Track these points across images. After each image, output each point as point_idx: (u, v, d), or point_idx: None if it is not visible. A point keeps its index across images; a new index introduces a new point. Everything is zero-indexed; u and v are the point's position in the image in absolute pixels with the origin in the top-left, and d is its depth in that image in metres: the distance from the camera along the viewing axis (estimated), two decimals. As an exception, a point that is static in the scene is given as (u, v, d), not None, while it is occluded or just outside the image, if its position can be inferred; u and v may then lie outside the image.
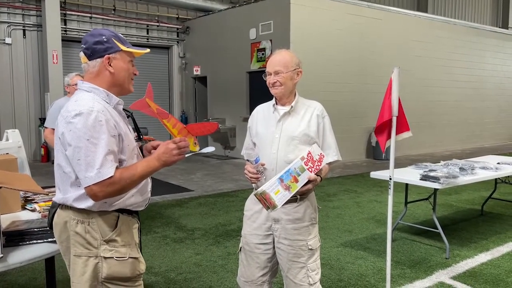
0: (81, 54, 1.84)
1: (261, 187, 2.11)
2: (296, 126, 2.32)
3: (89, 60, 1.81)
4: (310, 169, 2.22)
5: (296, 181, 2.17)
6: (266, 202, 2.10)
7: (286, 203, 2.19)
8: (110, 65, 1.80)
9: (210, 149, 1.95)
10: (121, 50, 1.82)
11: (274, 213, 2.28)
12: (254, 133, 2.43)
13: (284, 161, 2.26)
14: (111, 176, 1.65)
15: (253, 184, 2.40)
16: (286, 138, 2.30)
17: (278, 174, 2.16)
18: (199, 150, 1.89)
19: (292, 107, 2.34)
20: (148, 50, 1.90)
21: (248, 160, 2.28)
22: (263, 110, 2.46)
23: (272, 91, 2.34)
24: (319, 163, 2.27)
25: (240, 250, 2.48)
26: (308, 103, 2.41)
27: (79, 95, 1.78)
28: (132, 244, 1.85)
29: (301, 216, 2.33)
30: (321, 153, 2.30)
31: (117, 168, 1.69)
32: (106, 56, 1.79)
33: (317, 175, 2.26)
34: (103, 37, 1.80)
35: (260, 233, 2.37)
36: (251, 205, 2.43)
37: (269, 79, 2.32)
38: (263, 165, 2.27)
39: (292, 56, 2.33)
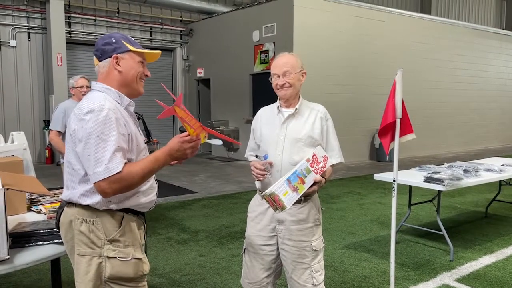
0: (94, 57, 1.91)
1: (269, 188, 2.12)
2: (301, 128, 2.34)
3: (100, 61, 1.87)
4: (315, 171, 2.24)
5: (303, 182, 2.19)
6: (275, 203, 2.12)
7: None
8: (118, 64, 1.85)
9: (217, 141, 1.93)
10: (130, 50, 1.86)
11: (279, 214, 2.30)
12: (258, 135, 2.44)
13: (289, 162, 2.28)
14: (119, 172, 1.67)
15: (257, 183, 2.43)
16: (291, 140, 2.32)
17: (285, 175, 2.17)
18: (207, 139, 1.87)
19: (296, 109, 2.35)
20: (159, 52, 1.93)
21: (257, 156, 2.28)
22: (266, 113, 2.48)
23: (281, 93, 2.34)
24: (323, 165, 2.29)
25: (244, 251, 2.49)
26: (311, 105, 2.43)
27: (92, 94, 1.83)
28: (136, 245, 1.86)
29: (305, 217, 2.35)
30: (325, 155, 2.33)
31: (125, 164, 1.71)
32: (114, 55, 1.84)
33: (322, 177, 2.28)
34: (112, 38, 1.87)
35: (265, 234, 2.38)
36: (255, 206, 2.45)
37: (277, 81, 2.33)
38: (270, 163, 2.29)
39: (297, 58, 2.37)
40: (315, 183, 2.24)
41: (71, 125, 1.77)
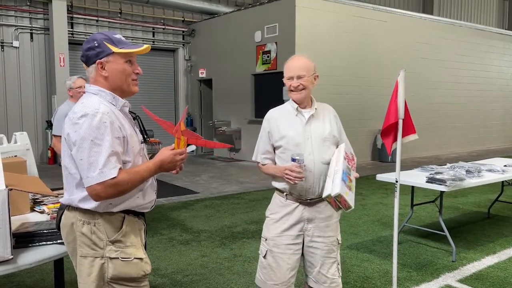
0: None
1: (333, 190, 2.15)
2: (323, 127, 2.42)
3: (87, 66, 1.85)
4: (352, 168, 2.36)
5: (350, 180, 2.28)
6: (339, 204, 2.18)
7: (319, 202, 2.37)
8: (104, 69, 1.81)
9: (191, 147, 1.98)
10: (113, 52, 1.81)
11: (308, 213, 2.39)
12: (277, 137, 2.43)
13: (321, 162, 2.36)
14: (114, 177, 1.67)
15: (278, 184, 2.43)
16: (318, 140, 2.38)
17: (337, 175, 2.20)
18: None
19: (316, 109, 2.43)
20: (145, 46, 1.86)
21: (294, 160, 2.28)
22: (281, 114, 2.48)
23: (295, 95, 2.39)
24: (354, 162, 2.41)
25: (266, 254, 2.47)
26: (322, 105, 2.51)
27: (86, 97, 1.82)
28: (138, 245, 1.87)
29: (331, 213, 2.44)
30: (351, 152, 2.43)
31: (120, 169, 1.71)
32: (98, 61, 1.81)
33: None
34: (95, 42, 1.81)
35: (292, 233, 2.41)
36: (278, 208, 2.46)
37: (292, 83, 2.37)
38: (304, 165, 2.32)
39: (310, 61, 2.43)
40: None
41: (65, 129, 1.77)
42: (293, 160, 2.29)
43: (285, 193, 2.43)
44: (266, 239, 2.48)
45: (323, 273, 2.43)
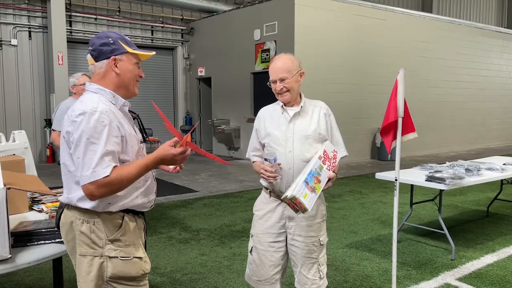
0: (88, 56, 1.88)
1: (289, 191, 2.14)
2: (308, 125, 2.38)
3: (96, 61, 1.85)
4: (328, 168, 2.29)
5: (319, 181, 2.23)
6: (296, 206, 2.15)
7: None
8: (116, 66, 1.83)
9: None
10: (127, 52, 1.85)
11: (289, 211, 2.36)
12: (263, 135, 2.46)
13: (301, 159, 2.33)
14: (106, 176, 1.66)
15: (263, 182, 2.45)
16: (300, 137, 2.35)
17: (302, 176, 2.19)
18: None
19: (301, 107, 2.39)
20: (154, 52, 1.93)
21: (266, 159, 2.30)
22: (269, 112, 2.49)
23: (281, 98, 2.38)
24: (334, 161, 2.35)
25: (251, 250, 2.51)
26: (313, 102, 2.47)
27: (86, 96, 1.82)
28: (137, 244, 1.87)
29: (314, 213, 2.42)
30: (334, 150, 2.38)
31: (115, 168, 1.70)
32: (113, 57, 1.82)
33: (333, 172, 2.34)
34: (110, 39, 1.83)
35: (274, 231, 2.42)
36: (262, 204, 2.49)
37: (275, 87, 2.37)
38: (279, 164, 2.31)
39: (293, 59, 2.38)
40: (329, 179, 2.30)
41: (64, 127, 1.77)
42: (265, 159, 2.31)
43: (269, 191, 2.45)
44: (252, 235, 2.52)
45: (304, 274, 2.42)
